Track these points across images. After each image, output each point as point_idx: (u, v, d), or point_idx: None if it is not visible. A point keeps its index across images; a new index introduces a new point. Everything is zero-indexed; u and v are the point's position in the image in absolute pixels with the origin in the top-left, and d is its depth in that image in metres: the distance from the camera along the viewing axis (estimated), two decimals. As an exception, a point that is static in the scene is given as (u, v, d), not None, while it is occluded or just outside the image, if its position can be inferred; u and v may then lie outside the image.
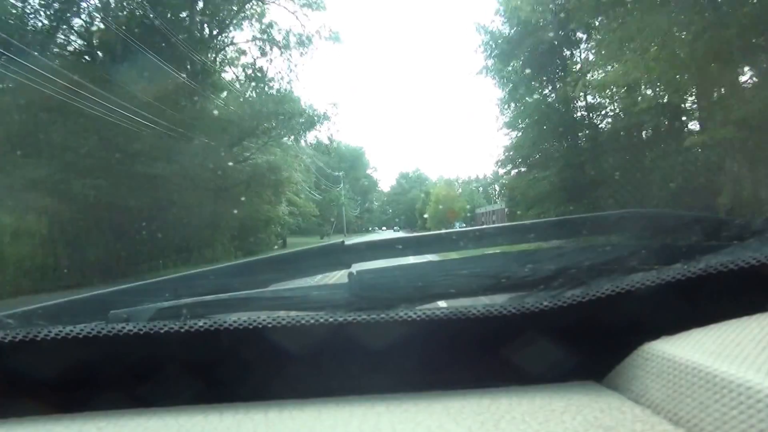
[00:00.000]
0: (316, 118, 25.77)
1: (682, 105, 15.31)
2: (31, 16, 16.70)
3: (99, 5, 18.50)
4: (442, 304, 0.76)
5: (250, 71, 25.69)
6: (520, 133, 22.53)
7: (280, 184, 24.99)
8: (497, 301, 0.67)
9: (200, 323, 0.64)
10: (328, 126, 26.44)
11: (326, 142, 29.06)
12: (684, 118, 16.38)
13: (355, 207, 77.71)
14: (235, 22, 24.17)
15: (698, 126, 14.61)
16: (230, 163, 20.73)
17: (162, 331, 0.64)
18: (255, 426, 0.54)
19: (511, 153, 23.09)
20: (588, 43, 19.67)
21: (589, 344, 0.65)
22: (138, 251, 15.99)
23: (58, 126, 14.53)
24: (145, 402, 0.62)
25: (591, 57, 18.93)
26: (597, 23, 16.18)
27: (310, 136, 28.15)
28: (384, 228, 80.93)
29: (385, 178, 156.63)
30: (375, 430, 0.51)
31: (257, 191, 23.03)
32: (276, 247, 29.87)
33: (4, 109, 14.19)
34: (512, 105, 23.22)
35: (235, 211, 20.47)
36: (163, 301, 0.75)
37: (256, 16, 24.64)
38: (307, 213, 39.26)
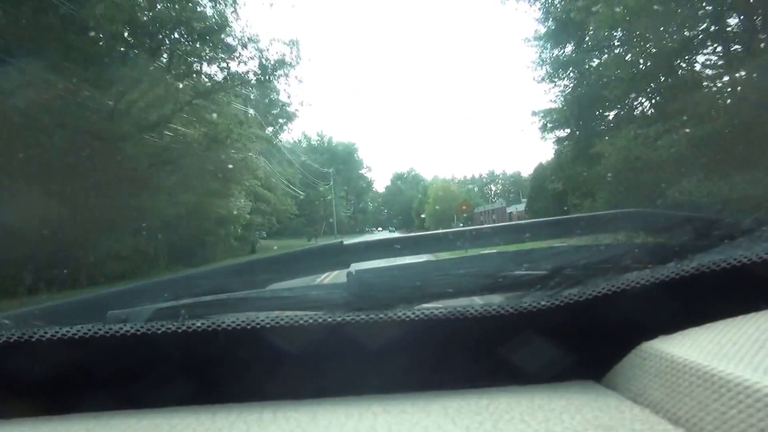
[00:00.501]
0: (265, 62, 18.01)
1: None
2: None
3: None
4: (440, 303, 0.76)
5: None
6: (572, 81, 14.13)
7: (226, 169, 17.92)
8: (495, 300, 0.67)
9: (198, 324, 0.64)
10: (285, 72, 18.56)
11: (285, 101, 20.99)
12: None
13: (348, 207, 76.92)
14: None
15: None
16: (142, 132, 13.69)
17: (159, 332, 0.64)
18: (248, 427, 0.53)
19: (567, 109, 13.83)
20: None
21: (587, 343, 0.65)
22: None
23: None
24: (140, 403, 0.62)
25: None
26: None
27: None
28: (379, 228, 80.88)
29: (380, 178, 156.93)
30: (371, 431, 0.51)
31: (195, 178, 16.15)
32: (267, 251, 23.18)
33: None
34: (553, 52, 16.10)
35: (152, 205, 13.75)
36: (162, 301, 0.74)
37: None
38: (282, 211, 32.03)
